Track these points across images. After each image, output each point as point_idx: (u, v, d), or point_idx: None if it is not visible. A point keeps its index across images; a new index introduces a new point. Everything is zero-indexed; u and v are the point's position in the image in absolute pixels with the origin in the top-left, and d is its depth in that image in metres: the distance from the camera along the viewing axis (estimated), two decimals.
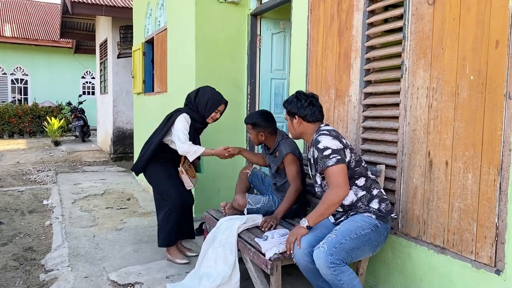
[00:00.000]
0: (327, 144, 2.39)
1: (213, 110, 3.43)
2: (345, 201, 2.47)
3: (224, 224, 2.97)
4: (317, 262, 2.19)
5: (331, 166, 2.35)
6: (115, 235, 4.28)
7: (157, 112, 5.94)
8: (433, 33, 2.45)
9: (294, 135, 2.69)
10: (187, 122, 3.38)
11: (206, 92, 3.48)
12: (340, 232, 2.30)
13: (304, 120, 2.59)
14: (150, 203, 5.65)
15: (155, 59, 6.05)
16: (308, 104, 2.58)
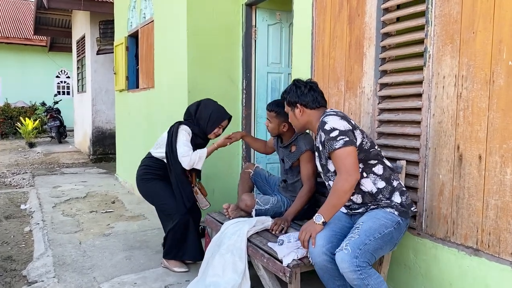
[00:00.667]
0: (333, 124, 2.19)
1: (216, 126, 3.22)
2: (364, 188, 2.24)
3: (230, 228, 2.71)
4: (341, 266, 1.96)
5: (338, 149, 2.15)
6: (104, 241, 3.96)
7: (143, 110, 5.64)
8: (462, 16, 2.25)
9: (299, 127, 2.48)
10: (188, 134, 3.15)
11: (208, 106, 3.24)
12: (363, 231, 2.08)
13: (307, 107, 2.39)
14: (137, 206, 5.36)
15: (140, 54, 5.74)
16: (309, 90, 2.39)
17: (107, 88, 9.56)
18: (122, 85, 6.49)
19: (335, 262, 2.14)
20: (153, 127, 5.28)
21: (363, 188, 2.27)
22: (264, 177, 3.34)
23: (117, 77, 6.81)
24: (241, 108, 4.53)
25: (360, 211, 2.30)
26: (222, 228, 2.78)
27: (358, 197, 2.29)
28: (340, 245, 2.19)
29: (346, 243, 2.01)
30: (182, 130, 3.14)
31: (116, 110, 7.23)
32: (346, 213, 2.38)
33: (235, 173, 4.62)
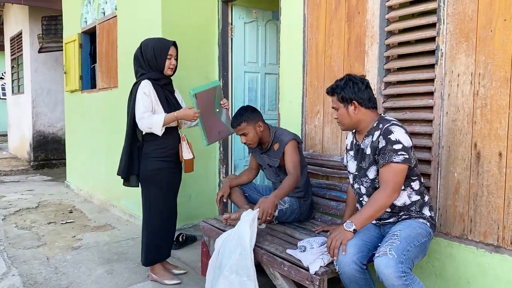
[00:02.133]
0: (400, 137, 2.09)
1: (165, 58, 2.92)
2: (397, 202, 2.18)
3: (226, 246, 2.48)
4: (385, 271, 1.87)
5: (396, 163, 2.06)
6: (75, 255, 3.60)
7: (104, 112, 5.26)
8: (478, 14, 2.26)
9: (349, 125, 2.30)
10: (145, 93, 2.84)
11: (147, 44, 2.97)
12: (404, 238, 2.01)
13: (362, 105, 2.24)
14: (99, 215, 4.99)
15: (99, 51, 5.35)
16: (365, 87, 2.24)
17: (49, 88, 8.90)
18: (75, 85, 6.03)
19: (364, 271, 2.06)
20: (117, 129, 4.92)
21: (396, 202, 2.19)
22: (252, 186, 3.20)
23: (68, 77, 6.32)
24: None
25: (391, 221, 2.23)
26: (216, 246, 2.57)
27: (387, 208, 2.22)
28: (368, 255, 2.11)
29: (389, 248, 1.92)
30: (138, 91, 2.87)
31: (66, 112, 6.71)
32: (375, 223, 2.30)
33: (212, 176, 4.43)
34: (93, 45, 5.96)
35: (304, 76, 3.27)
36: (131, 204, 4.70)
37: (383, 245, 1.99)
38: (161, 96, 2.94)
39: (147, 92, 2.86)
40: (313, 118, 3.23)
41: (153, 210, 2.98)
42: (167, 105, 2.96)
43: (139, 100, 2.85)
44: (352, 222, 2.11)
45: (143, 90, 2.86)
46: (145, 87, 2.87)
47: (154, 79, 2.93)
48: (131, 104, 2.94)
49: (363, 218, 2.12)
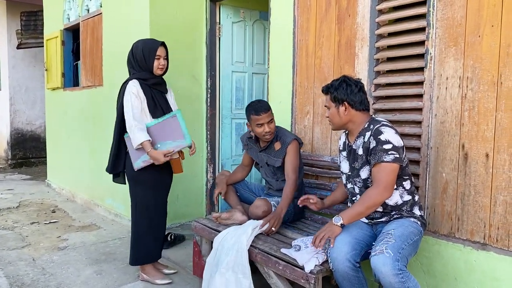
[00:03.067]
0: (389, 137, 2.14)
1: (153, 58, 2.92)
2: (389, 201, 2.24)
3: (225, 243, 2.53)
4: (382, 269, 1.92)
5: (386, 162, 2.11)
6: (62, 256, 3.56)
7: (88, 110, 5.20)
8: (466, 20, 2.33)
9: (338, 124, 2.36)
10: (133, 93, 2.84)
11: (137, 45, 2.99)
12: (398, 237, 2.07)
13: (353, 107, 2.29)
14: (83, 214, 4.94)
15: (83, 49, 5.27)
16: (358, 90, 2.29)
17: (27, 85, 8.73)
18: (57, 83, 5.94)
19: (357, 269, 2.12)
20: (101, 127, 4.88)
21: (388, 201, 2.24)
22: (245, 185, 3.19)
23: (50, 74, 6.21)
24: (206, 108, 4.35)
25: (383, 220, 2.28)
26: (214, 244, 2.60)
27: (379, 207, 2.27)
28: (361, 253, 2.17)
29: (385, 247, 1.98)
30: (127, 91, 2.86)
31: (47, 110, 6.59)
32: (367, 222, 2.35)
33: (199, 176, 4.44)
34: (75, 42, 5.87)
35: (294, 77, 3.31)
36: (116, 203, 4.67)
37: (378, 243, 2.05)
38: (148, 96, 2.93)
39: (135, 92, 2.86)
40: (302, 119, 3.27)
41: (141, 209, 2.98)
42: (154, 106, 2.95)
43: (128, 100, 2.85)
44: (340, 217, 2.17)
45: (131, 90, 2.87)
46: (133, 86, 2.87)
47: (143, 78, 2.93)
48: (119, 103, 2.92)
49: (353, 214, 2.18)
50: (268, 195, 3.03)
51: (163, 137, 2.88)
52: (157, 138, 2.88)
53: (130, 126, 2.83)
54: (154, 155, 2.81)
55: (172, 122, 2.90)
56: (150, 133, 2.85)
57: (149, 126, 2.89)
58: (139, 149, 2.85)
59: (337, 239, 2.16)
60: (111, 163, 3.03)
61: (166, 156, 2.82)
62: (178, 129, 2.89)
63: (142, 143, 2.80)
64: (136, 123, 2.82)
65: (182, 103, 4.15)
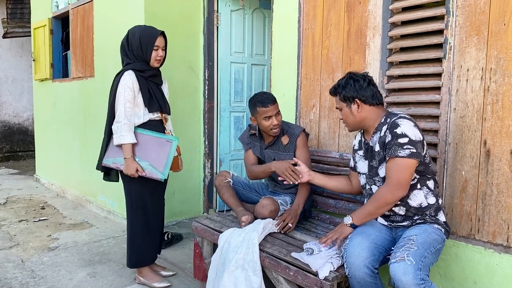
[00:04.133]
0: (406, 130, 1.97)
1: (151, 48, 2.70)
2: (413, 202, 2.08)
3: (232, 240, 2.38)
4: (403, 279, 1.77)
5: (401, 157, 1.95)
6: (53, 257, 3.37)
7: (78, 102, 4.98)
8: (490, 7, 2.17)
9: (353, 124, 2.19)
10: (128, 86, 2.64)
11: (134, 32, 2.74)
12: (420, 244, 1.91)
13: (366, 103, 2.13)
14: (74, 211, 4.74)
15: (73, 38, 5.03)
16: (368, 84, 2.13)
17: (14, 76, 8.44)
18: (45, 74, 5.69)
19: (375, 276, 1.97)
20: (93, 120, 4.67)
21: (411, 202, 2.08)
22: (245, 184, 2.96)
23: (38, 64, 5.96)
24: (203, 100, 4.16)
25: (405, 224, 2.12)
26: (220, 243, 2.44)
27: (401, 209, 2.11)
28: (380, 259, 2.01)
29: (406, 254, 1.82)
30: (121, 83, 2.65)
31: (35, 102, 6.34)
32: (386, 225, 2.19)
33: (196, 171, 4.25)
34: (65, 31, 5.63)
35: (298, 68, 3.14)
36: (109, 200, 4.47)
37: (398, 249, 1.89)
38: (144, 89, 2.72)
39: (130, 84, 2.65)
40: (308, 112, 3.10)
41: (136, 208, 2.79)
42: (150, 98, 2.76)
43: (121, 93, 2.65)
44: (350, 217, 2.10)
45: (126, 82, 2.65)
46: (128, 79, 2.66)
47: (139, 70, 2.72)
48: (113, 96, 2.72)
49: (363, 214, 2.09)
50: (274, 193, 2.86)
51: (146, 153, 2.68)
52: (141, 150, 2.68)
53: (118, 122, 2.64)
54: (131, 164, 2.63)
55: (163, 145, 2.69)
56: (137, 138, 2.67)
57: (140, 132, 2.69)
58: (117, 148, 2.67)
59: (354, 243, 2.00)
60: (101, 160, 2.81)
61: (137, 172, 2.64)
62: (164, 156, 2.67)
63: (125, 144, 2.61)
64: (126, 121, 2.63)
65: (179, 95, 3.98)
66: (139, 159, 2.67)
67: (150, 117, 2.75)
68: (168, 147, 2.68)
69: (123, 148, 2.63)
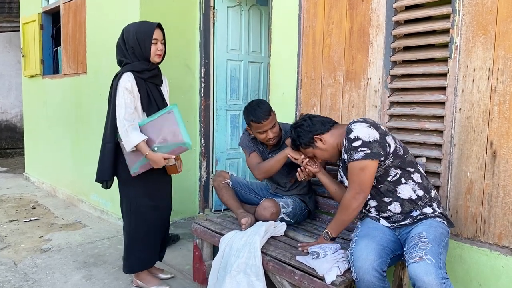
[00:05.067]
0: (359, 133, 1.99)
1: (149, 43, 2.58)
2: (403, 196, 2.06)
3: (234, 244, 2.33)
4: (425, 279, 1.72)
5: (356, 161, 1.97)
6: (46, 259, 3.28)
7: (70, 99, 4.88)
8: (498, 6, 2.14)
9: (333, 153, 2.23)
10: (127, 88, 2.52)
11: (129, 29, 2.62)
12: (432, 240, 1.88)
13: (322, 133, 2.21)
14: (66, 211, 4.65)
15: (64, 34, 4.91)
16: (310, 120, 2.24)
17: (1, 72, 8.34)
18: (35, 70, 5.57)
19: (384, 279, 1.93)
20: (85, 118, 4.57)
21: (401, 195, 2.08)
22: (244, 185, 2.89)
23: (27, 60, 5.83)
24: (199, 98, 4.09)
25: (407, 223, 2.09)
26: (221, 246, 2.38)
27: (396, 206, 2.09)
28: (387, 261, 1.98)
29: (424, 253, 1.78)
30: (119, 87, 2.54)
31: (24, 99, 6.20)
32: (389, 226, 2.16)
33: (192, 171, 4.19)
34: (55, 26, 5.51)
35: (298, 66, 3.09)
36: (102, 200, 4.39)
37: (413, 249, 1.85)
38: (142, 91, 2.60)
39: (129, 87, 2.53)
40: (308, 111, 3.05)
41: (134, 211, 2.68)
42: (148, 102, 2.64)
43: (121, 96, 2.52)
44: (328, 231, 2.19)
45: (124, 85, 2.53)
46: (127, 81, 2.53)
47: (137, 71, 2.60)
48: (112, 99, 2.61)
49: (338, 224, 2.17)
50: (275, 195, 2.81)
51: (160, 136, 2.54)
52: (153, 138, 2.54)
53: (121, 126, 2.50)
54: (154, 158, 2.50)
55: (168, 118, 2.54)
56: (144, 132, 2.53)
57: (142, 125, 2.56)
58: (134, 152, 2.55)
59: (361, 246, 1.97)
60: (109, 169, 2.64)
61: (165, 160, 2.54)
62: (175, 126, 2.53)
63: (137, 144, 2.50)
64: (129, 123, 2.50)
65: (174, 93, 3.88)
66: (158, 147, 2.54)
67: None
68: (172, 117, 2.54)
69: (139, 148, 2.50)
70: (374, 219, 2.20)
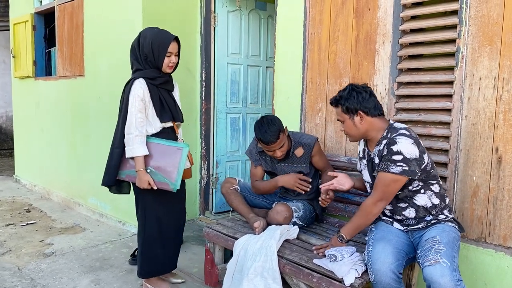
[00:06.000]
0: (402, 148, 2.02)
1: (164, 54, 2.59)
2: (418, 202, 2.15)
3: (249, 248, 2.38)
4: (441, 281, 1.80)
5: (392, 173, 2.04)
6: (51, 264, 3.27)
7: (66, 102, 4.85)
8: (504, 18, 2.24)
9: (357, 136, 2.24)
10: (139, 95, 2.54)
11: (146, 36, 2.62)
12: (446, 243, 1.97)
13: (368, 114, 2.17)
14: (63, 214, 4.63)
15: (59, 36, 4.87)
16: (370, 96, 2.18)
17: None
18: (27, 71, 5.50)
19: (400, 281, 2.01)
20: (82, 121, 4.55)
21: (417, 202, 2.16)
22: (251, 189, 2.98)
23: (18, 61, 5.74)
24: (200, 102, 4.12)
25: (420, 227, 2.17)
26: (236, 250, 2.44)
27: (411, 211, 2.17)
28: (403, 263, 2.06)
29: (439, 255, 1.87)
30: (131, 95, 2.55)
31: (14, 100, 6.11)
32: (403, 230, 2.24)
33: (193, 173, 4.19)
34: (48, 27, 5.45)
35: (304, 72, 3.15)
36: (101, 203, 4.38)
37: (428, 252, 1.93)
38: (155, 97, 2.62)
39: (140, 94, 2.55)
40: (314, 116, 3.12)
41: (149, 219, 2.70)
42: (161, 108, 2.66)
43: (132, 104, 2.54)
44: (342, 235, 2.24)
45: (136, 92, 2.55)
46: (139, 88, 2.55)
47: (150, 78, 2.61)
48: (123, 106, 2.63)
49: (353, 228, 2.23)
50: (284, 199, 2.87)
51: (158, 163, 2.59)
52: (153, 160, 2.59)
53: (129, 133, 2.54)
54: (143, 177, 2.54)
55: (174, 153, 2.58)
56: (149, 148, 2.58)
57: (151, 141, 2.60)
58: (130, 160, 2.59)
59: (378, 249, 2.04)
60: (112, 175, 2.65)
61: (149, 185, 2.57)
62: (175, 164, 2.57)
63: (137, 157, 2.54)
64: (137, 132, 2.53)
65: None
66: (150, 171, 2.59)
67: (163, 126, 2.68)
68: (179, 155, 2.59)
69: (135, 161, 2.54)
70: (388, 222, 2.28)
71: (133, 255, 3.30)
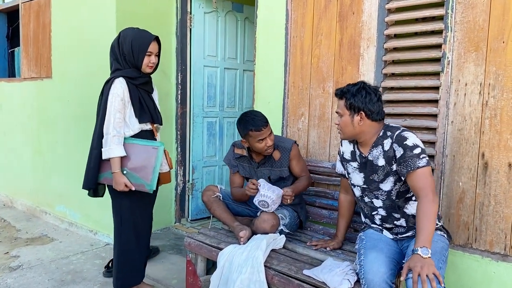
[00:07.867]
0: (416, 141, 2.00)
1: (143, 54, 2.54)
2: (408, 212, 2.12)
3: (235, 260, 2.29)
4: None
5: (422, 167, 1.97)
6: (18, 278, 3.06)
7: (31, 105, 4.61)
8: (489, 24, 2.25)
9: (350, 135, 2.17)
10: (118, 95, 2.47)
11: (126, 35, 2.56)
12: (433, 254, 1.92)
13: (369, 117, 2.11)
14: (29, 224, 4.39)
15: (24, 35, 4.62)
16: (377, 99, 2.11)
17: None
18: None
19: None
20: (50, 125, 4.33)
21: (407, 211, 2.13)
22: None
23: None
24: (176, 105, 3.99)
25: (409, 235, 2.14)
26: (220, 261, 2.33)
27: (402, 221, 2.15)
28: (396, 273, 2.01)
29: None
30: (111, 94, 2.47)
31: None
32: (392, 238, 2.20)
33: None
34: (11, 26, 5.17)
35: (286, 76, 3.09)
36: (70, 211, 4.17)
37: None
38: (134, 97, 2.56)
39: (120, 93, 2.48)
40: (296, 121, 3.06)
41: (125, 223, 2.61)
42: (140, 108, 2.59)
43: (112, 103, 2.47)
44: (426, 248, 1.83)
45: (116, 91, 2.48)
46: (119, 87, 2.48)
47: (130, 77, 2.54)
48: (102, 105, 2.52)
49: (429, 235, 1.87)
50: None
51: (134, 164, 2.52)
52: (128, 160, 2.52)
53: (107, 134, 2.47)
54: (119, 179, 2.47)
55: (150, 152, 2.53)
56: (126, 149, 2.51)
57: (128, 142, 2.53)
58: (107, 161, 2.50)
59: (371, 259, 1.99)
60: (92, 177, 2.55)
61: (126, 186, 2.48)
62: (151, 164, 2.51)
63: (113, 158, 2.45)
64: (115, 132, 2.47)
65: None
66: (126, 172, 2.50)
67: (142, 127, 2.58)
68: (154, 154, 2.53)
69: (112, 162, 2.45)
70: (377, 230, 2.24)
71: (108, 266, 3.14)
